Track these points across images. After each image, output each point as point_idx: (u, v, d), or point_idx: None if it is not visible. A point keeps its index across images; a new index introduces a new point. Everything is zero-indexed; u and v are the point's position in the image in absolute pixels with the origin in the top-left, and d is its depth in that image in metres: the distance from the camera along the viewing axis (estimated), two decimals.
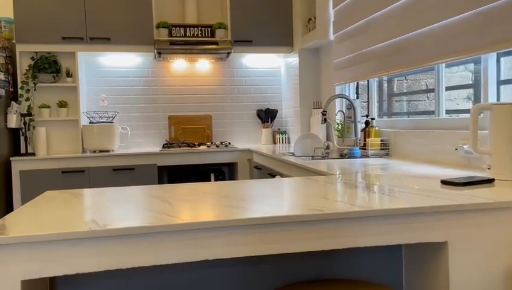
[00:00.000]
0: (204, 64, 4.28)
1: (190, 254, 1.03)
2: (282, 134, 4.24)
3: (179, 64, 4.22)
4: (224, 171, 4.12)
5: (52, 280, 1.26)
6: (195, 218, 1.04)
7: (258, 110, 4.38)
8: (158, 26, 3.84)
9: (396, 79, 2.93)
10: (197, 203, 1.23)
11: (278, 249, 1.07)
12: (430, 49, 2.17)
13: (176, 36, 3.89)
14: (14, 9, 3.53)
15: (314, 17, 3.58)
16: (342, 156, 2.72)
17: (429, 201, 1.17)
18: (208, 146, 3.90)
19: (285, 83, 4.34)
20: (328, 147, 2.87)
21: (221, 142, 4.11)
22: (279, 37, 4.04)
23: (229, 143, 4.09)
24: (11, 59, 3.61)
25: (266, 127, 4.31)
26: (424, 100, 2.64)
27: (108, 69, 4.07)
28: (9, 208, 3.41)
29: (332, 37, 3.37)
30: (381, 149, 2.60)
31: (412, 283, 1.36)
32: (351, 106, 2.82)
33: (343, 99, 3.37)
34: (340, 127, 3.17)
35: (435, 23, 2.11)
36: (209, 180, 3.94)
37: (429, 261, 1.25)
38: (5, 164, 3.38)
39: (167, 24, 3.86)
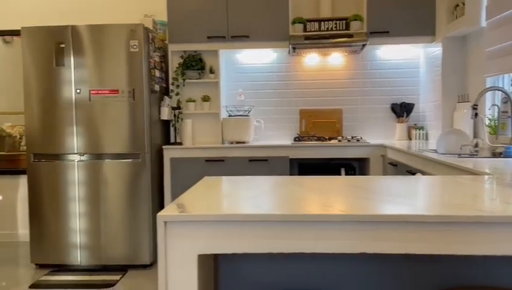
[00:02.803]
0: (336, 58, 4.24)
1: (350, 245, 1.04)
2: (418, 129, 4.00)
3: (311, 58, 4.26)
4: (354, 167, 4.05)
5: (216, 256, 1.39)
6: (356, 210, 1.05)
7: (392, 104, 4.20)
8: (294, 22, 3.93)
9: None
10: (348, 197, 1.24)
11: (450, 250, 1.02)
12: None
13: (311, 31, 3.93)
14: (168, 13, 3.95)
15: (463, 3, 3.28)
16: (495, 155, 2.46)
17: None
18: (339, 140, 3.87)
19: (424, 75, 4.07)
20: (476, 145, 2.63)
21: (352, 137, 4.04)
22: (419, 27, 3.81)
23: (361, 138, 4.00)
24: (164, 58, 4.05)
25: (401, 122, 4.11)
26: None
27: (245, 66, 4.31)
28: (161, 190, 3.85)
29: (484, 23, 3.05)
30: None
31: None
32: (507, 100, 2.53)
33: (496, 92, 3.04)
34: (492, 123, 2.87)
35: None
36: (339, 174, 3.91)
37: None
38: (158, 151, 3.82)
39: (302, 19, 3.92)
